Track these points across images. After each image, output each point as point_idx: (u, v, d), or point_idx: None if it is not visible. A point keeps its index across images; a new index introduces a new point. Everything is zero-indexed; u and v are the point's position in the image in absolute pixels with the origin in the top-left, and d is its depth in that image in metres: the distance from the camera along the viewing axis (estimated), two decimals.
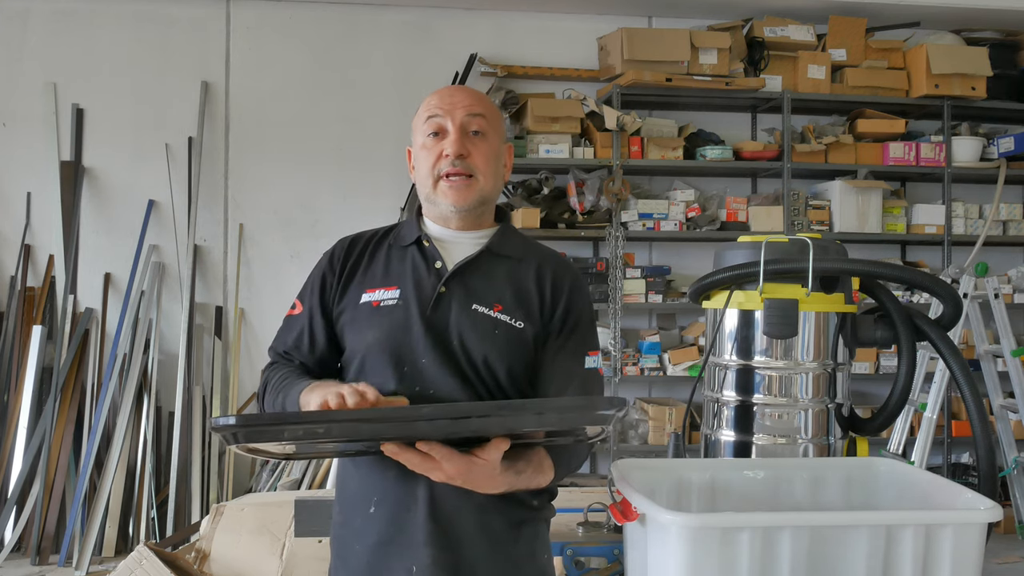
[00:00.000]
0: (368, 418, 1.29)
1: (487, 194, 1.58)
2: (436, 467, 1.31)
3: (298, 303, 1.64)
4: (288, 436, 1.24)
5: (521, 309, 1.54)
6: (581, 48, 5.19)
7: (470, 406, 1.37)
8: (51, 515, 4.49)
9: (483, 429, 1.27)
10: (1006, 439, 4.53)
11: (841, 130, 5.18)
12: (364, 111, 5.10)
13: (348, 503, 1.57)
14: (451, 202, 1.56)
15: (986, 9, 5.09)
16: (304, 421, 1.28)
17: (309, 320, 1.61)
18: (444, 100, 1.57)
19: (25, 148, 4.87)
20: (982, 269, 4.48)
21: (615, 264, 4.84)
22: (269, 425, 1.27)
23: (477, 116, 1.56)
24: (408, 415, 1.29)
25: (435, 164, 1.55)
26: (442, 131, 1.56)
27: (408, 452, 1.31)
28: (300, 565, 2.72)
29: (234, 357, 4.92)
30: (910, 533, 1.31)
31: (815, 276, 2.18)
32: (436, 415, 1.25)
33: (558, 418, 1.30)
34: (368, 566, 1.52)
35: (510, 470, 1.38)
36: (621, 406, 1.27)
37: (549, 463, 1.47)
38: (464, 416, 1.25)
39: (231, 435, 1.23)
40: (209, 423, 4.77)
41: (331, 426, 1.25)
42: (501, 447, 1.32)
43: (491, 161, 1.57)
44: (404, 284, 1.56)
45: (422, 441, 1.29)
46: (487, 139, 1.57)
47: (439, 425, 1.24)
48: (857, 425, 2.36)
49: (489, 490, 1.38)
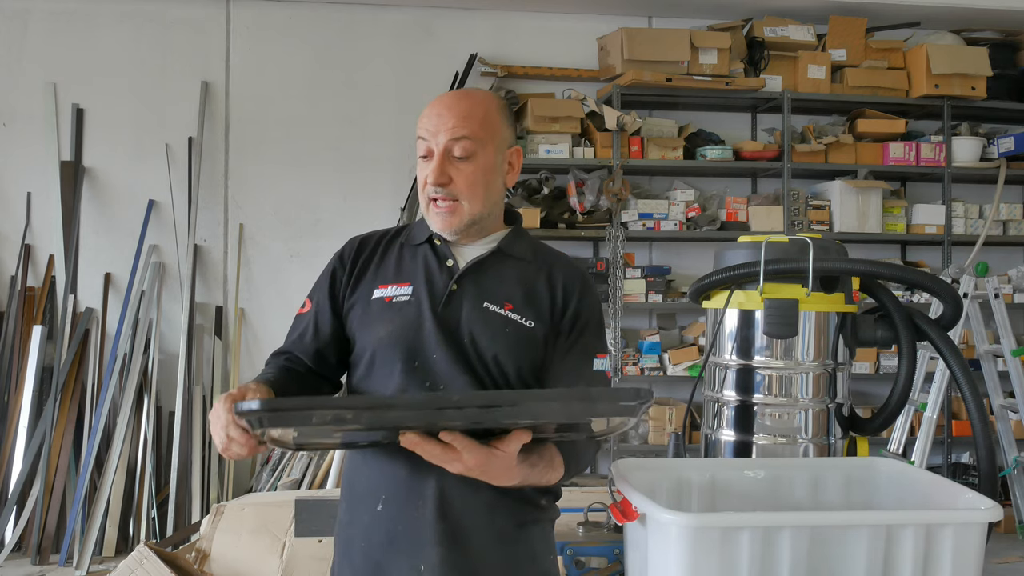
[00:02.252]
0: (397, 404, 1.29)
1: (475, 216, 1.57)
2: (456, 458, 1.31)
3: (308, 301, 1.64)
4: (316, 421, 1.22)
5: (531, 309, 1.54)
6: (581, 48, 5.19)
7: (499, 394, 1.37)
8: (51, 515, 4.49)
9: (512, 417, 1.27)
10: (1006, 439, 4.53)
11: (841, 130, 5.18)
12: (364, 111, 5.09)
13: (355, 501, 1.57)
14: (438, 227, 1.57)
15: (986, 9, 5.09)
16: (332, 407, 1.26)
17: (316, 314, 1.61)
18: (431, 122, 1.54)
19: (25, 148, 4.87)
20: (982, 269, 4.48)
21: (615, 264, 4.84)
22: (295, 410, 1.24)
23: (461, 139, 1.52)
24: (439, 402, 1.28)
25: (424, 187, 1.56)
26: (429, 153, 1.55)
27: (429, 442, 1.30)
28: (300, 565, 2.72)
29: (234, 357, 4.92)
30: (910, 533, 1.31)
31: (815, 276, 2.19)
32: (466, 402, 1.25)
33: (585, 408, 1.29)
34: (375, 564, 1.52)
35: (524, 463, 1.38)
36: (648, 398, 1.26)
37: (560, 459, 1.47)
38: (494, 404, 1.25)
39: (256, 420, 1.22)
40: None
41: (360, 412, 1.24)
42: (522, 439, 1.32)
43: (478, 184, 1.55)
44: (416, 281, 1.56)
45: (446, 431, 1.29)
46: (474, 160, 1.54)
47: (468, 413, 1.24)
48: (857, 425, 2.36)
49: (504, 483, 1.38)
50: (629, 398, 1.26)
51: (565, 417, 1.32)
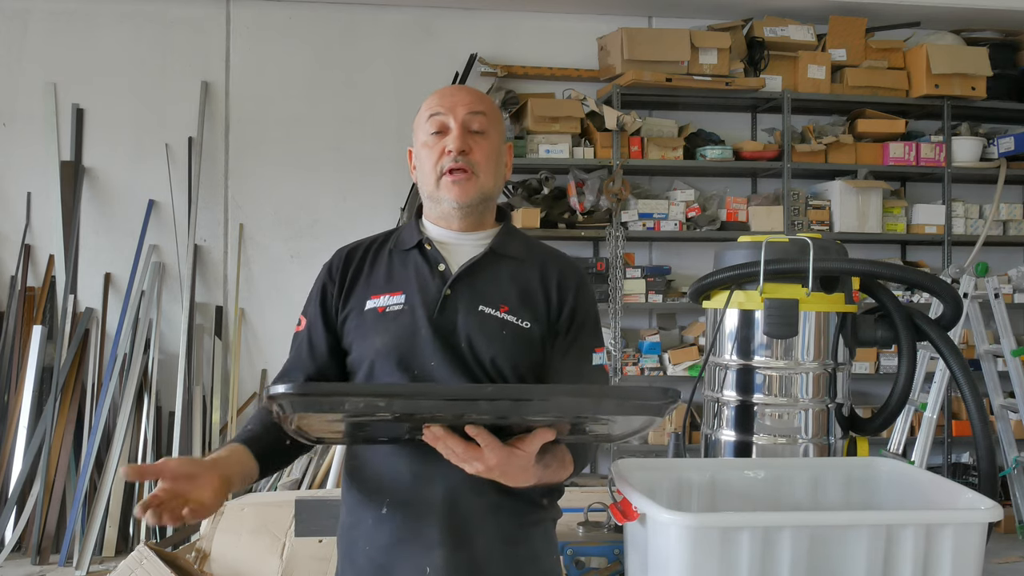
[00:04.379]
0: (430, 393, 1.29)
1: (488, 191, 1.58)
2: (477, 456, 1.30)
3: (302, 318, 1.63)
4: (349, 408, 1.22)
5: (527, 309, 1.54)
6: (581, 48, 5.19)
7: (531, 388, 1.36)
8: (51, 515, 4.49)
9: (542, 412, 1.27)
10: (1006, 439, 4.53)
11: (841, 130, 5.18)
12: (364, 111, 5.10)
13: (358, 504, 1.56)
14: (453, 197, 1.56)
15: (986, 9, 5.09)
16: (364, 394, 1.26)
17: (309, 332, 1.60)
18: (446, 98, 1.58)
19: (25, 148, 4.87)
20: (982, 269, 4.48)
21: (615, 264, 4.84)
22: (328, 396, 1.24)
23: (479, 114, 1.57)
24: (473, 392, 1.29)
25: (438, 161, 1.56)
26: (444, 129, 1.56)
27: (452, 438, 1.30)
28: (300, 565, 2.72)
29: (234, 357, 4.92)
30: (910, 533, 1.31)
31: (815, 276, 2.18)
32: (499, 394, 1.25)
33: (616, 404, 1.29)
34: (379, 567, 1.51)
35: (539, 463, 1.38)
36: (675, 398, 1.26)
37: (570, 458, 1.48)
38: (526, 398, 1.25)
39: (288, 404, 1.21)
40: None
41: (392, 400, 1.24)
42: (545, 437, 1.32)
43: (492, 159, 1.58)
44: (408, 289, 1.55)
45: (471, 426, 1.28)
46: (488, 137, 1.58)
47: (500, 406, 1.23)
48: (857, 425, 2.36)
49: (520, 483, 1.38)
50: (656, 397, 1.26)
51: (596, 413, 1.31)
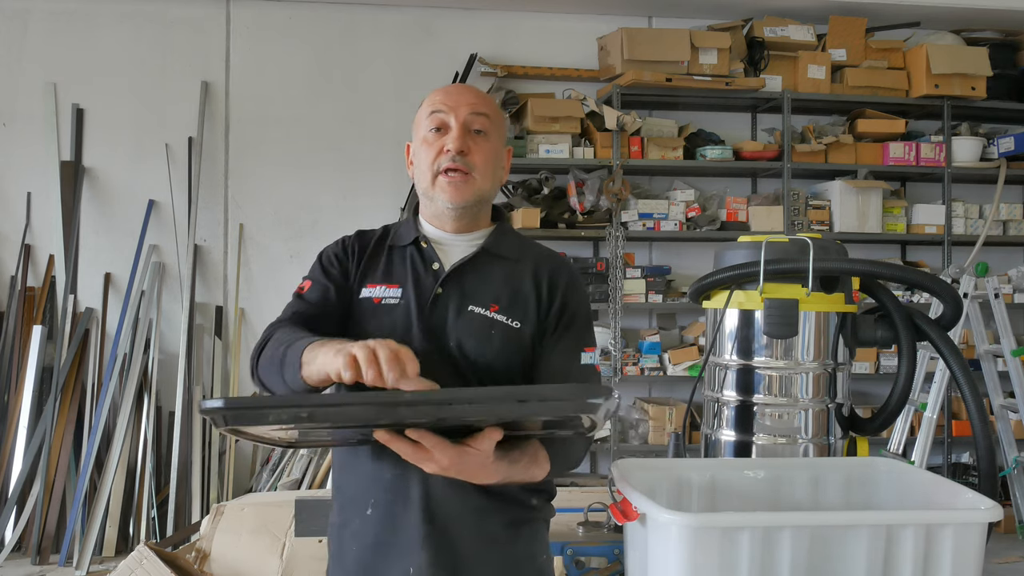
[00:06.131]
0: (351, 402, 1.26)
1: (484, 193, 1.58)
2: (428, 457, 1.29)
3: (307, 281, 1.61)
4: (273, 419, 1.21)
5: (518, 309, 1.54)
6: (581, 48, 5.19)
7: (453, 392, 1.32)
8: (51, 515, 4.49)
9: (466, 415, 1.23)
10: (1006, 439, 4.53)
11: (841, 130, 5.18)
12: (364, 111, 5.10)
13: (346, 505, 1.57)
14: (448, 198, 1.55)
15: (986, 9, 5.09)
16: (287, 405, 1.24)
17: (324, 289, 1.57)
18: (449, 97, 1.58)
19: (25, 148, 4.87)
20: (982, 269, 4.48)
21: (615, 264, 4.83)
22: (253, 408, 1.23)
23: (480, 115, 1.57)
24: (390, 399, 1.24)
25: (435, 159, 1.56)
26: (444, 127, 1.56)
27: (399, 440, 1.28)
28: (300, 565, 2.72)
29: (234, 357, 4.93)
30: (910, 533, 1.31)
31: (815, 276, 2.18)
32: (418, 400, 1.21)
33: (542, 406, 1.25)
34: (365, 567, 1.52)
35: (504, 459, 1.36)
36: (607, 395, 1.22)
37: (544, 455, 1.46)
38: (446, 402, 1.22)
39: (220, 418, 1.21)
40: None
41: (314, 410, 1.22)
42: (494, 437, 1.30)
43: (490, 161, 1.58)
44: (405, 283, 1.56)
45: (411, 429, 1.27)
46: (488, 139, 1.57)
47: (421, 411, 1.21)
48: (857, 425, 2.36)
49: (484, 480, 1.36)
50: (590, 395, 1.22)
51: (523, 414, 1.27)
